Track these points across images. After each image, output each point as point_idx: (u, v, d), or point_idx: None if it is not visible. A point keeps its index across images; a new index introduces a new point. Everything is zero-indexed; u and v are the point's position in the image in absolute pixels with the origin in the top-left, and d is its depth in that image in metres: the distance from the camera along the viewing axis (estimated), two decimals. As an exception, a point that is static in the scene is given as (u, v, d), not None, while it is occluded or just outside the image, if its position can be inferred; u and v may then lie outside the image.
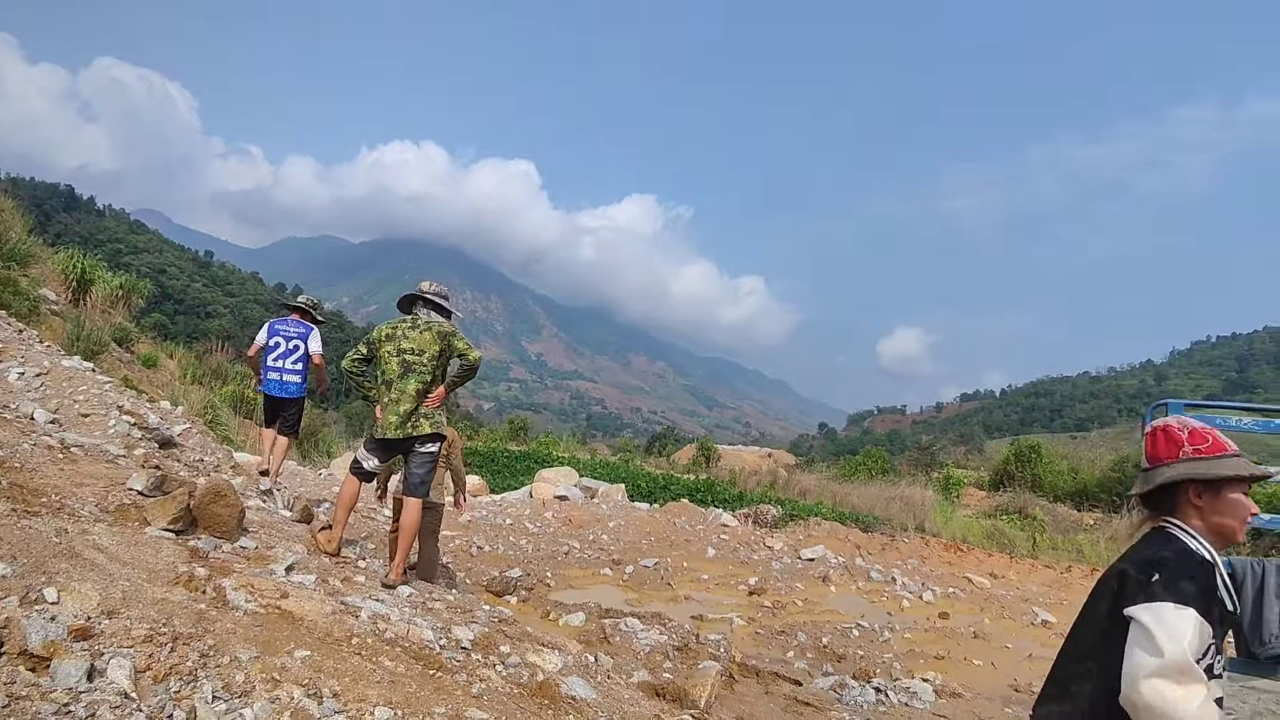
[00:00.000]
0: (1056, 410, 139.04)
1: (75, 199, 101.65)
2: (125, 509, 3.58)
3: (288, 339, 6.36)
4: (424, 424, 4.30)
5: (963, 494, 21.48)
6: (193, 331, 53.42)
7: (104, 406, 4.98)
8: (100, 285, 18.50)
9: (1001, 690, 6.09)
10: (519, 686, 3.52)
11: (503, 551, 8.88)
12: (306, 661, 2.84)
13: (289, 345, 6.36)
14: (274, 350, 6.30)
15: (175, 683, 2.39)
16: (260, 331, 6.40)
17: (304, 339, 6.42)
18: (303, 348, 6.40)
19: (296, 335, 6.40)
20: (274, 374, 6.30)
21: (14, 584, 2.43)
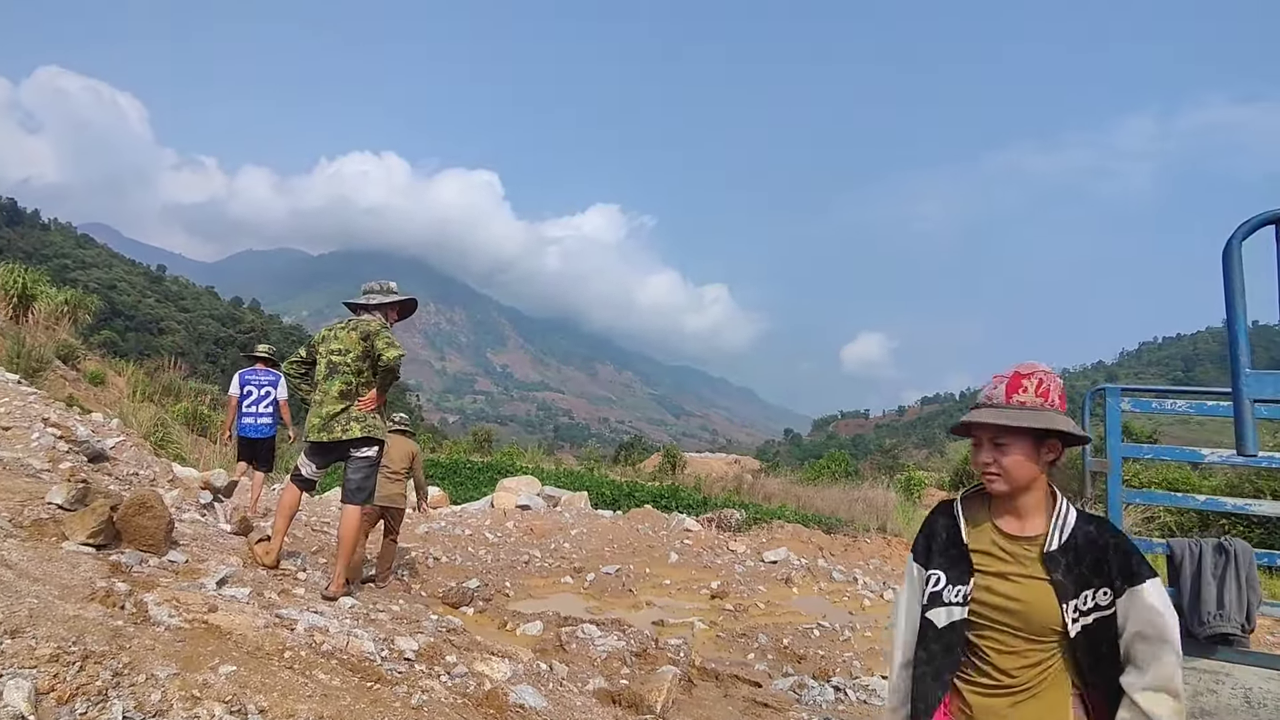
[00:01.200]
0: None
1: (18, 213, 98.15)
2: (42, 523, 3.39)
3: (259, 387, 7.26)
4: (354, 427, 4.16)
5: (924, 494, 21.78)
6: (144, 348, 51.91)
7: (27, 419, 4.74)
8: (43, 301, 17.85)
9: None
10: (464, 697, 3.41)
11: (461, 563, 8.70)
12: (232, 677, 2.70)
13: (260, 392, 7.25)
14: (247, 398, 7.19)
15: (81, 703, 2.24)
16: (233, 383, 7.29)
17: (274, 385, 7.31)
18: (273, 394, 7.30)
19: (267, 383, 7.30)
20: (249, 419, 7.19)
21: (-98, 604, 2.26)
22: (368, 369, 4.24)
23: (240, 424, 7.19)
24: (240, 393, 7.18)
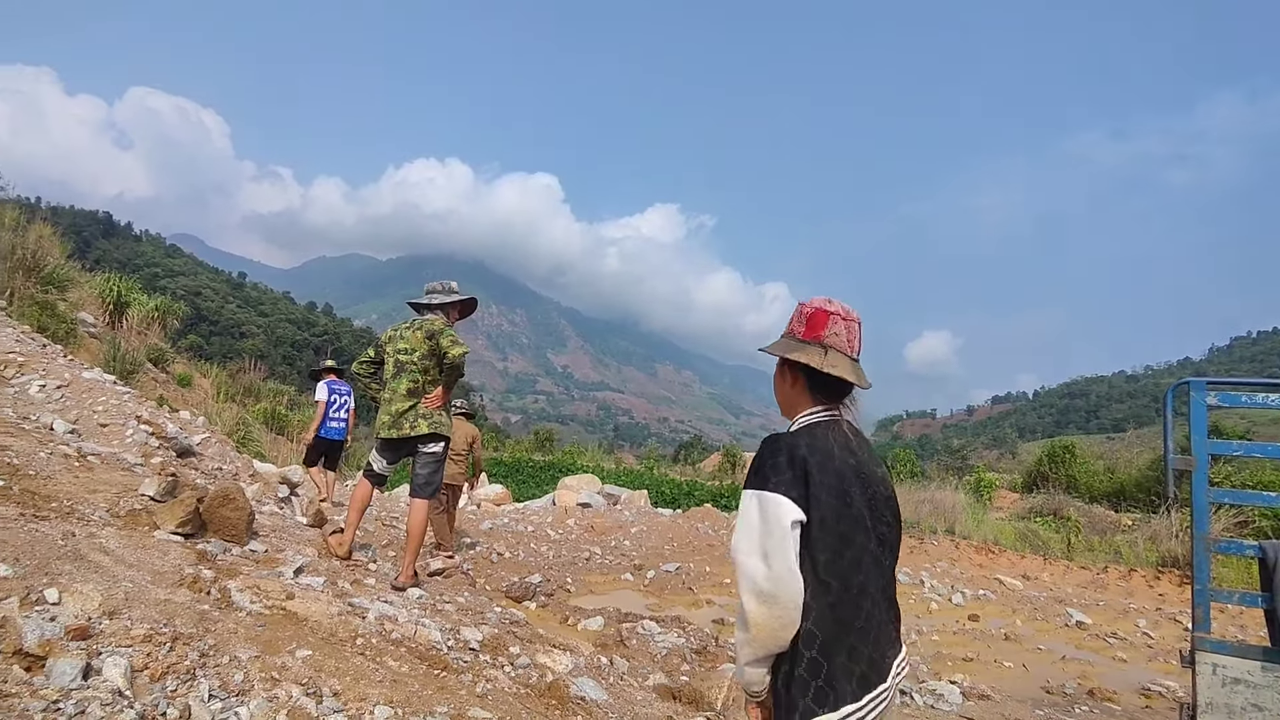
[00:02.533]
0: (1092, 411, 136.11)
1: (113, 225, 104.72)
2: (136, 514, 3.62)
3: (340, 395, 8.20)
4: (422, 424, 4.28)
5: (995, 496, 21.03)
6: (227, 351, 54.58)
7: (122, 417, 5.06)
8: (136, 308, 19.00)
9: (1033, 692, 5.89)
10: (527, 687, 3.47)
11: (523, 558, 8.85)
12: (308, 661, 2.82)
13: (341, 400, 8.21)
14: (333, 404, 8.11)
15: (172, 681, 2.38)
16: (320, 390, 8.10)
17: (349, 395, 8.31)
18: (349, 403, 8.28)
19: (345, 392, 8.28)
20: (335, 423, 8.13)
21: (15, 585, 2.44)
22: (434, 367, 4.37)
23: (327, 428, 8.07)
24: (328, 398, 8.07)
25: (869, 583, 1.63)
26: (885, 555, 1.72)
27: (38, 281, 12.90)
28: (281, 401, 21.51)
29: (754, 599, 1.55)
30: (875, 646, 1.63)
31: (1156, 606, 9.96)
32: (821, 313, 1.78)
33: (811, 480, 1.60)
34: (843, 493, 1.62)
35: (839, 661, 1.57)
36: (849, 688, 1.57)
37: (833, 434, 1.71)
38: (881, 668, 1.63)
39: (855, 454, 1.72)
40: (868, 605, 1.62)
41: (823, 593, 1.57)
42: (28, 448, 3.93)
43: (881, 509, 1.72)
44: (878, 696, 1.60)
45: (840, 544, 1.60)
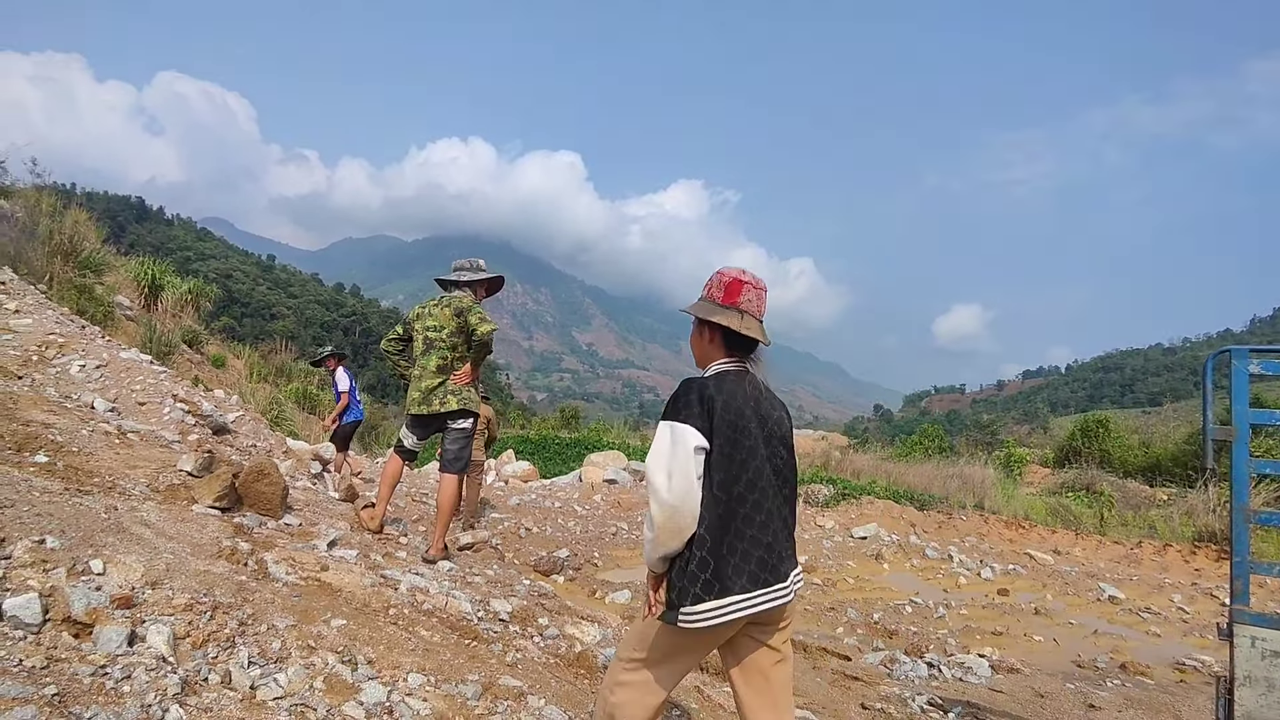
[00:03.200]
0: (1127, 385, 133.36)
1: (146, 210, 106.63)
2: (175, 488, 3.71)
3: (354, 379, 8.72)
4: (451, 400, 4.33)
5: (1026, 471, 20.75)
6: (258, 333, 55.57)
7: (159, 395, 5.18)
8: (170, 291, 19.41)
9: (1064, 666, 5.85)
10: (556, 657, 3.53)
11: (550, 534, 8.95)
12: (342, 630, 2.89)
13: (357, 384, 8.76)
14: (355, 390, 8.58)
15: (213, 648, 2.45)
16: (343, 378, 8.49)
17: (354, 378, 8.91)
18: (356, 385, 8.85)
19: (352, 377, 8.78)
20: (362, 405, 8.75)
21: (62, 556, 2.53)
22: (462, 344, 4.41)
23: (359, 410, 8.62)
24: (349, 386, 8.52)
25: (763, 500, 2.00)
26: (782, 484, 2.09)
27: (75, 266, 13.20)
28: (313, 381, 21.91)
29: (659, 507, 1.92)
30: (768, 551, 1.98)
31: (1192, 581, 9.80)
32: (737, 282, 2.14)
33: (715, 416, 1.96)
34: (741, 428, 1.99)
35: (729, 561, 1.93)
36: (738, 582, 1.92)
37: (739, 381, 2.08)
38: (777, 571, 1.99)
39: (756, 398, 2.08)
40: (760, 518, 1.98)
41: (715, 506, 1.94)
42: (70, 425, 4.05)
43: (776, 444, 2.10)
44: (768, 594, 1.96)
45: (736, 468, 1.97)
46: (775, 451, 2.09)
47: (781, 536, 2.03)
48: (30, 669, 1.92)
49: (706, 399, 1.98)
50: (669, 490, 1.90)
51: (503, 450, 16.94)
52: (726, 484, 1.95)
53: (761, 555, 1.96)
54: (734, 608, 1.91)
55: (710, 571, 1.92)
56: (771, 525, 2.00)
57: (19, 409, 3.99)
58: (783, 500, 2.08)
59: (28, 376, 4.68)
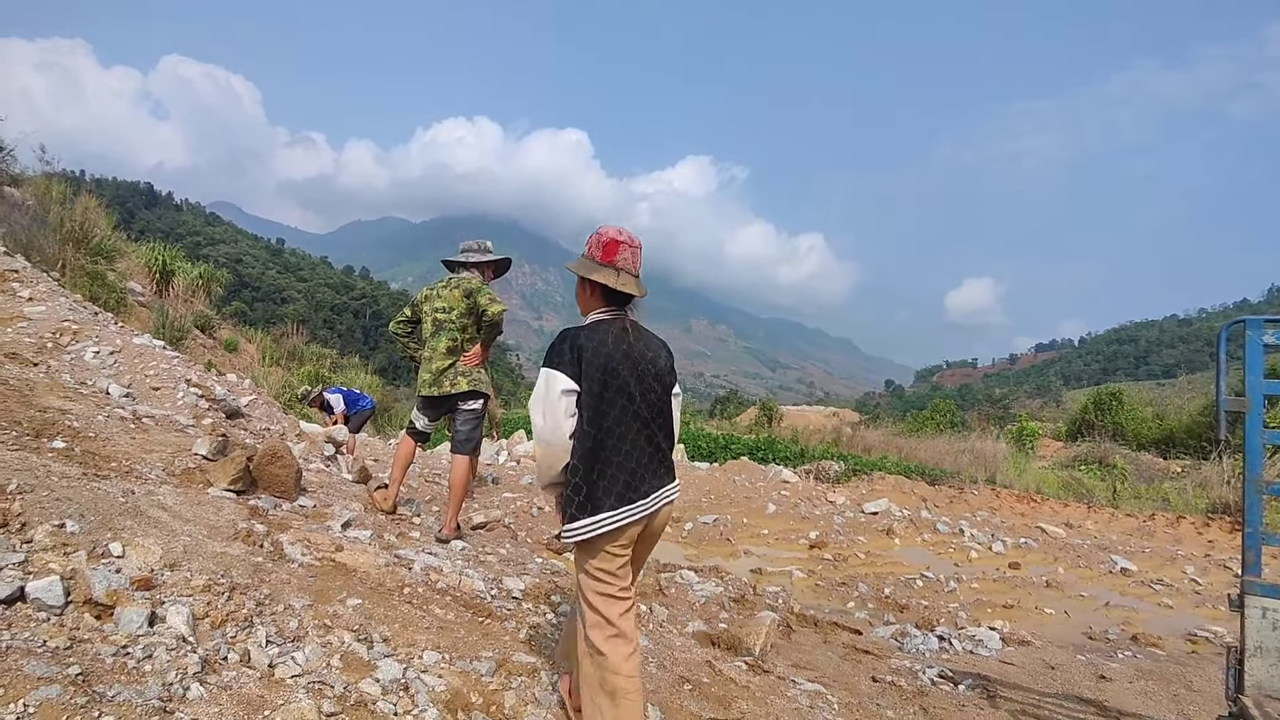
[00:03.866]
0: (1141, 357, 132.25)
1: (155, 195, 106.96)
2: (190, 472, 3.76)
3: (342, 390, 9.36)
4: (462, 382, 4.34)
5: (1038, 445, 20.69)
6: (270, 317, 55.84)
7: (173, 380, 5.23)
8: (181, 276, 19.52)
9: (1075, 638, 5.87)
10: (568, 634, 3.57)
11: (563, 512, 9.04)
12: (358, 609, 2.94)
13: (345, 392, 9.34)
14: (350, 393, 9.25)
15: (231, 628, 2.50)
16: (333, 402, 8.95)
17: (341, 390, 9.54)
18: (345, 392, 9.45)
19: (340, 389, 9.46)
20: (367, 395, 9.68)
21: (82, 539, 2.57)
22: (472, 325, 4.42)
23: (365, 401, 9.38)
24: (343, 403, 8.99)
25: (628, 433, 2.34)
26: (654, 415, 2.42)
27: (87, 253, 13.29)
28: (324, 364, 22.06)
29: (537, 443, 2.33)
30: (632, 475, 2.33)
31: (1205, 553, 9.79)
32: (614, 242, 2.41)
33: (584, 361, 2.27)
34: (610, 370, 2.30)
35: (599, 485, 2.29)
36: (607, 501, 2.28)
37: (610, 329, 2.37)
38: (640, 490, 2.34)
39: (628, 343, 2.38)
40: (625, 448, 2.33)
41: (586, 439, 2.28)
42: (86, 411, 4.10)
43: (650, 381, 2.41)
44: (634, 509, 2.32)
45: (605, 406, 2.29)
46: (649, 387, 2.41)
47: (646, 461, 2.39)
48: (54, 649, 1.96)
49: (577, 347, 2.29)
50: (543, 428, 2.29)
51: (514, 430, 17.05)
52: (595, 420, 2.29)
53: (626, 479, 2.32)
54: (605, 522, 2.28)
55: (584, 494, 2.29)
56: (635, 453, 2.35)
57: (36, 395, 4.05)
58: (654, 430, 2.43)
59: (43, 363, 4.73)
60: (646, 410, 2.39)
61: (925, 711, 3.86)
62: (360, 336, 76.36)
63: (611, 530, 2.29)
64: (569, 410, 2.27)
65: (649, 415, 2.40)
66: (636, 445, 2.36)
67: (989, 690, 4.36)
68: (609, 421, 2.30)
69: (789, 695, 3.62)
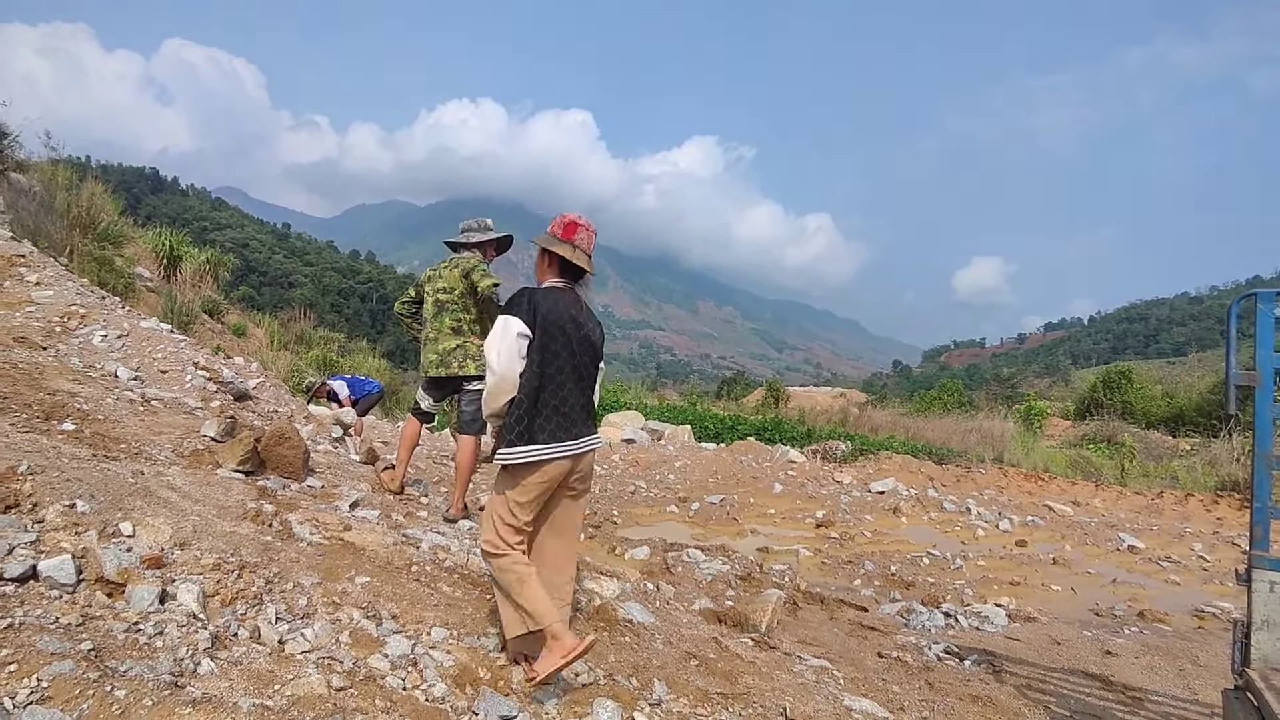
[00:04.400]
0: (1151, 335, 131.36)
1: (160, 181, 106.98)
2: (199, 453, 3.79)
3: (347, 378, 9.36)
4: (470, 365, 4.35)
5: (1046, 424, 20.63)
6: (277, 301, 55.91)
7: (180, 363, 5.26)
8: (189, 261, 19.54)
9: (1081, 614, 5.89)
10: (576, 611, 3.59)
11: (570, 493, 9.07)
12: (366, 587, 2.97)
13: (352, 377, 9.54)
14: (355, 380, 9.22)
15: (241, 606, 2.53)
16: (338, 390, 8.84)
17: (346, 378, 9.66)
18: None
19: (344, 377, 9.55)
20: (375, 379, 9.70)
21: (92, 519, 2.60)
22: (473, 304, 4.42)
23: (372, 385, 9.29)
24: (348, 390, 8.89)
25: (565, 382, 2.73)
26: (580, 378, 2.79)
27: (94, 238, 13.31)
28: (332, 348, 22.12)
29: (491, 375, 2.67)
30: (565, 419, 2.71)
31: (1213, 530, 9.77)
32: (574, 224, 2.86)
33: (538, 316, 2.68)
34: (558, 327, 2.72)
35: (537, 420, 2.66)
36: (541, 436, 2.66)
37: (563, 296, 2.79)
38: (570, 432, 2.71)
39: (575, 311, 2.80)
40: (562, 394, 2.72)
41: (532, 380, 2.67)
42: (95, 394, 4.13)
43: (585, 348, 2.81)
44: (563, 447, 2.69)
45: (549, 356, 2.69)
46: (583, 352, 2.81)
47: (578, 410, 2.77)
48: (67, 626, 1.99)
49: (534, 303, 2.70)
50: (498, 363, 2.64)
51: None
52: (541, 365, 2.68)
53: (560, 420, 2.70)
54: (536, 453, 2.64)
55: (524, 425, 2.65)
56: (570, 401, 2.74)
57: (45, 378, 4.07)
58: (586, 386, 2.84)
59: (52, 347, 4.76)
60: (580, 369, 2.81)
61: (931, 686, 3.88)
62: (367, 320, 76.56)
63: (539, 461, 2.65)
64: (521, 352, 2.67)
65: (582, 373, 2.81)
66: (571, 395, 2.75)
67: (995, 665, 4.39)
68: (551, 369, 2.70)
69: (795, 670, 3.64)
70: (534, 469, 2.66)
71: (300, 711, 2.00)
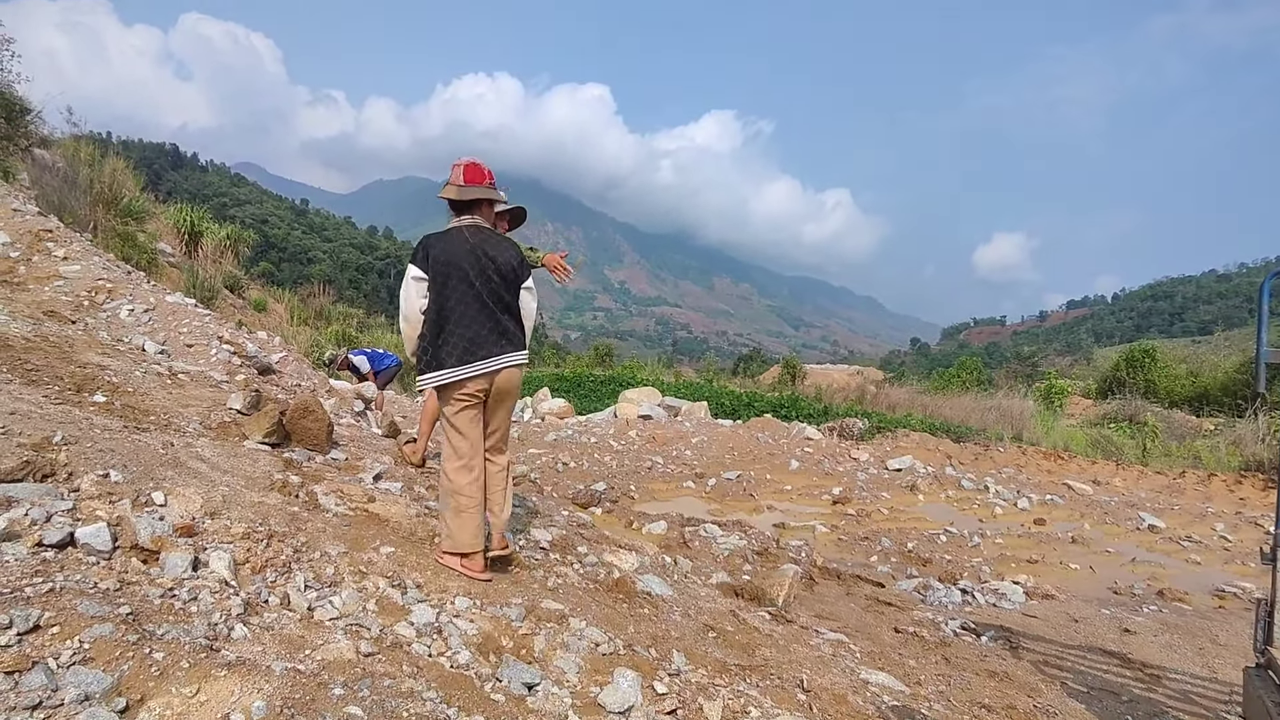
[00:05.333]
0: (1177, 313, 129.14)
1: (180, 157, 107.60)
2: (226, 425, 3.86)
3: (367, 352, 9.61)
4: None
5: (1067, 403, 20.41)
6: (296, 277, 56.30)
7: (205, 337, 5.33)
8: (209, 236, 19.72)
9: (1099, 593, 5.87)
10: (595, 583, 3.65)
11: (588, 468, 9.13)
12: (391, 557, 3.02)
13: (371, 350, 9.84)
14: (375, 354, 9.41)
15: (271, 573, 2.59)
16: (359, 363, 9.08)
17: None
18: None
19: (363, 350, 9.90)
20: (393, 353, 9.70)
21: (125, 489, 2.66)
22: None
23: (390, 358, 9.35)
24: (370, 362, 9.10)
25: (467, 311, 3.07)
26: (493, 300, 3.13)
27: (117, 214, 13.44)
28: (351, 324, 22.32)
29: (401, 318, 3.19)
30: (470, 343, 3.06)
31: (1236, 510, 9.67)
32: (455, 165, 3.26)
33: (430, 257, 3.09)
34: (452, 264, 3.08)
35: (442, 349, 3.07)
36: (449, 360, 3.06)
37: (460, 232, 3.15)
38: (476, 354, 3.07)
39: (470, 242, 3.12)
40: (466, 322, 3.07)
41: (433, 314, 3.08)
42: (124, 367, 4.20)
43: (491, 273, 3.13)
44: (473, 367, 3.07)
45: (447, 291, 3.07)
46: (489, 277, 3.13)
47: (486, 333, 3.09)
48: (105, 591, 2.05)
49: (426, 247, 3.11)
50: (403, 308, 3.17)
51: (538, 388, 17.18)
52: (438, 300, 3.08)
53: (466, 345, 3.06)
54: (445, 376, 3.06)
55: (430, 355, 3.09)
56: (475, 326, 3.07)
57: (75, 351, 4.15)
58: (494, 309, 3.13)
59: (80, 320, 4.84)
60: (486, 295, 3.11)
61: (948, 661, 3.91)
62: (385, 296, 76.99)
63: (454, 381, 3.07)
64: (420, 293, 3.10)
65: (488, 298, 3.12)
66: (476, 320, 3.08)
67: (1011, 642, 4.40)
68: (450, 302, 3.07)
69: (811, 644, 3.68)
70: (453, 388, 3.08)
71: (330, 675, 2.05)
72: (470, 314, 3.06)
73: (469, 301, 3.06)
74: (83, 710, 1.61)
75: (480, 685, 2.34)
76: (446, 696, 2.18)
